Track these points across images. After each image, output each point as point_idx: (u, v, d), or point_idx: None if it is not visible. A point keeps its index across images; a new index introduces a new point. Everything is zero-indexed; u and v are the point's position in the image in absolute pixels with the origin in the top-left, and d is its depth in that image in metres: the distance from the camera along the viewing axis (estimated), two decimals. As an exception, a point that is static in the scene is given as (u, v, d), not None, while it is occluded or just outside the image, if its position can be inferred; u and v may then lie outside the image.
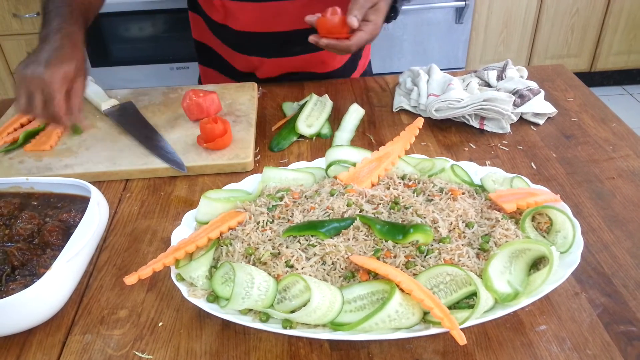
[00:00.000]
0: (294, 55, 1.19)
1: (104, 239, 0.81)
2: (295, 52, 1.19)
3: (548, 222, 0.74)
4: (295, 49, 1.18)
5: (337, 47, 0.92)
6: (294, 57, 1.20)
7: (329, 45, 0.92)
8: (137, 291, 0.72)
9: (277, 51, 1.18)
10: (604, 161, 0.94)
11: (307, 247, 0.69)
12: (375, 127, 1.06)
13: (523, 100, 1.04)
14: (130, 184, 0.93)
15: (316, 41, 0.93)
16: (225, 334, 0.66)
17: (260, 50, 1.18)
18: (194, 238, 0.71)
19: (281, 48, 1.18)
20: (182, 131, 1.02)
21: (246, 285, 0.63)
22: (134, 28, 2.51)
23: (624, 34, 2.87)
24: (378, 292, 0.64)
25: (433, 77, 1.11)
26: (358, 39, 0.90)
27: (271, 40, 1.15)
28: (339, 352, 0.64)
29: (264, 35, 1.14)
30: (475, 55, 2.83)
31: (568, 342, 0.64)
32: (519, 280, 0.65)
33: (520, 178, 0.81)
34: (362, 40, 0.91)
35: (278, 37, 1.14)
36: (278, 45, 1.17)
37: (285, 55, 1.19)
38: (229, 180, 0.90)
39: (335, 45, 0.92)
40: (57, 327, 0.68)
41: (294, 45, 1.16)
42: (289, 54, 1.19)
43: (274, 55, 1.19)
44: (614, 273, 0.72)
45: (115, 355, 0.64)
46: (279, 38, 1.15)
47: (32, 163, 0.96)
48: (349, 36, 0.91)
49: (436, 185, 0.78)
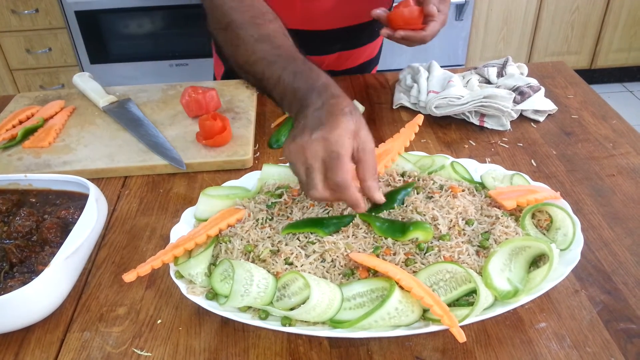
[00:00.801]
0: (331, 53, 1.19)
1: (102, 236, 0.81)
2: (333, 50, 1.18)
3: (548, 220, 0.74)
4: (333, 47, 1.17)
5: (414, 38, 0.93)
6: (329, 56, 1.19)
7: (405, 37, 0.93)
8: (135, 288, 0.72)
9: (315, 49, 1.16)
10: (604, 158, 0.93)
11: (306, 244, 0.69)
12: (375, 124, 1.06)
13: (523, 97, 1.03)
14: (129, 181, 0.93)
15: (390, 34, 0.93)
16: (224, 331, 0.66)
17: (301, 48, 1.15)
18: (193, 235, 0.71)
19: (321, 46, 1.17)
20: (181, 128, 1.02)
21: (245, 282, 0.62)
22: (133, 25, 2.50)
23: (624, 31, 2.87)
24: (377, 289, 0.63)
25: (433, 74, 1.11)
26: (432, 28, 0.92)
27: (311, 38, 1.12)
28: (338, 350, 0.64)
29: (304, 33, 1.11)
30: (475, 52, 2.82)
31: (568, 339, 0.64)
32: (518, 278, 0.65)
33: (520, 175, 0.81)
34: (435, 30, 0.92)
35: (319, 36, 1.13)
36: (318, 44, 1.16)
37: (323, 53, 1.18)
38: (228, 177, 0.89)
39: (412, 37, 0.93)
40: (56, 324, 0.68)
41: (334, 43, 1.15)
42: (326, 52, 1.18)
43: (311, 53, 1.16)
44: (614, 270, 0.72)
45: (114, 353, 0.64)
46: (319, 36, 1.13)
47: (30, 160, 0.95)
48: (423, 27, 0.92)
49: (436, 182, 0.78)
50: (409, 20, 0.92)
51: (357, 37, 1.19)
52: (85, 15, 2.43)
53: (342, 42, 0.97)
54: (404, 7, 0.93)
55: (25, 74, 2.60)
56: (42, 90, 2.57)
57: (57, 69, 2.60)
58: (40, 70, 2.60)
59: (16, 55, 2.55)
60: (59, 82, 2.64)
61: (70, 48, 2.54)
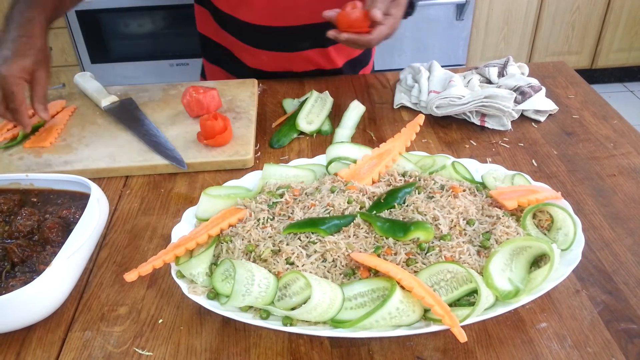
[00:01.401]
0: (302, 50, 1.19)
1: (103, 236, 0.81)
2: (303, 47, 1.18)
3: (549, 220, 0.74)
4: (304, 44, 1.17)
5: (358, 41, 0.91)
6: (302, 52, 1.19)
7: (349, 40, 0.91)
8: (137, 288, 0.72)
9: (286, 46, 1.18)
10: (605, 158, 0.93)
11: (307, 244, 0.69)
12: (376, 124, 1.06)
13: (524, 97, 1.03)
14: (130, 181, 0.93)
15: (336, 36, 0.92)
16: (226, 331, 0.66)
17: (268, 43, 1.17)
18: (194, 235, 0.71)
19: (290, 42, 1.17)
20: (182, 128, 1.02)
21: (246, 282, 0.62)
22: (134, 24, 2.50)
23: (624, 30, 2.87)
24: (379, 289, 0.64)
25: (434, 74, 1.11)
26: (379, 32, 0.90)
27: (280, 34, 1.14)
28: (339, 350, 0.64)
29: (273, 29, 1.13)
30: (475, 52, 2.82)
31: (569, 339, 0.64)
32: (519, 278, 0.65)
33: (521, 175, 0.81)
34: (383, 35, 0.90)
35: (288, 31, 1.13)
36: (287, 40, 1.16)
37: (294, 50, 1.19)
38: (229, 177, 0.90)
39: (356, 40, 0.91)
40: (57, 323, 0.68)
41: (304, 40, 1.16)
42: (297, 49, 1.18)
43: (282, 49, 1.18)
44: (614, 271, 0.72)
45: (115, 352, 0.64)
46: (288, 32, 1.14)
47: (31, 159, 0.95)
48: (369, 30, 0.90)
49: (437, 182, 0.78)
50: (353, 23, 0.90)
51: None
52: (86, 15, 2.43)
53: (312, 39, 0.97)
54: (351, 10, 0.91)
55: (26, 74, 2.60)
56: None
57: (58, 68, 2.60)
58: (41, 70, 2.59)
59: None
60: (59, 82, 2.64)
61: (71, 47, 2.54)
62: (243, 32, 1.16)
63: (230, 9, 1.12)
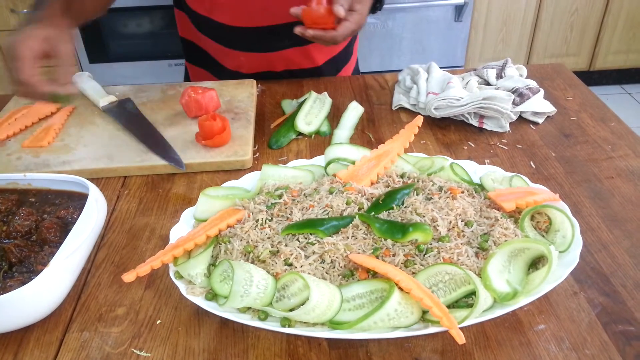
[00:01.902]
0: (281, 49, 1.18)
1: (102, 236, 0.81)
2: (281, 47, 1.18)
3: (547, 222, 0.74)
4: (281, 44, 1.17)
5: (323, 37, 0.92)
6: (281, 52, 1.19)
7: (315, 37, 0.92)
8: (135, 289, 0.72)
9: (264, 46, 1.17)
10: (603, 160, 0.94)
11: (306, 245, 0.69)
12: (375, 125, 1.06)
13: (522, 99, 1.04)
14: (128, 181, 0.92)
15: (302, 32, 0.93)
16: (224, 331, 0.66)
17: (246, 44, 1.17)
18: (193, 236, 0.71)
19: (268, 42, 1.17)
20: (180, 128, 1.02)
21: (245, 283, 0.62)
22: (132, 24, 2.50)
23: (622, 33, 2.88)
24: (377, 290, 0.64)
25: (432, 75, 1.11)
26: (344, 28, 0.90)
27: (257, 34, 1.14)
28: (337, 351, 0.64)
29: (250, 30, 1.13)
30: (474, 54, 2.82)
31: (566, 341, 0.64)
32: (517, 280, 0.65)
33: (519, 177, 0.81)
34: (349, 30, 0.91)
35: (264, 31, 1.13)
36: (264, 40, 1.16)
37: (272, 50, 1.18)
38: (228, 178, 0.90)
39: (322, 36, 0.92)
40: (55, 324, 0.68)
41: (281, 39, 1.15)
42: (275, 49, 1.18)
43: (260, 49, 1.18)
44: (612, 273, 0.72)
45: (113, 353, 0.64)
46: (265, 32, 1.13)
47: (29, 159, 0.95)
48: (335, 26, 0.91)
49: (435, 183, 0.78)
50: (317, 20, 0.91)
51: None
52: (84, 15, 2.43)
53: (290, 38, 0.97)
54: (315, 6, 0.91)
55: (24, 73, 2.60)
56: (41, 89, 2.56)
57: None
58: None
59: None
60: (57, 82, 2.63)
61: (69, 47, 2.53)
62: (220, 35, 1.16)
63: (205, 11, 1.12)
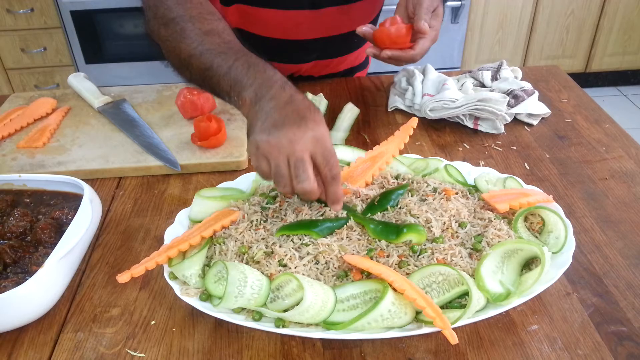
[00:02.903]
0: (306, 62, 1.18)
1: (96, 237, 0.81)
2: (307, 60, 1.17)
3: (540, 223, 0.74)
4: (308, 57, 1.17)
5: (402, 57, 0.87)
6: (305, 64, 1.19)
7: (392, 57, 0.88)
8: (129, 289, 0.72)
9: (291, 58, 1.16)
10: (596, 162, 0.94)
11: (300, 246, 0.69)
12: (370, 127, 1.06)
13: (517, 101, 1.04)
14: (123, 182, 0.93)
15: (375, 54, 0.88)
16: (218, 332, 0.66)
17: (273, 55, 1.11)
18: (187, 237, 0.71)
19: (296, 55, 1.16)
20: (176, 129, 1.02)
21: (239, 284, 0.63)
22: (128, 25, 2.50)
23: (618, 35, 2.89)
24: (371, 291, 0.64)
25: (428, 77, 1.11)
26: (422, 46, 0.87)
27: (287, 47, 1.12)
28: (331, 351, 0.64)
29: (281, 42, 1.11)
30: (470, 55, 2.83)
31: (559, 342, 0.64)
32: (511, 280, 0.65)
33: (513, 178, 0.81)
34: (425, 48, 0.87)
35: (295, 45, 1.12)
36: (293, 52, 1.15)
37: (297, 62, 1.18)
38: (223, 179, 0.90)
39: (400, 57, 0.87)
40: (49, 324, 0.68)
41: (309, 53, 1.14)
42: (301, 61, 1.18)
43: (286, 61, 1.16)
44: (605, 273, 0.73)
45: (107, 354, 0.64)
46: (295, 46, 1.12)
47: (25, 160, 0.95)
48: (411, 45, 0.87)
49: (430, 185, 0.79)
50: (395, 40, 0.86)
51: (336, 47, 1.17)
52: (80, 15, 2.43)
53: (319, 51, 0.93)
54: (390, 25, 0.87)
55: (20, 74, 2.60)
56: (37, 90, 2.56)
57: (52, 68, 2.59)
58: (35, 70, 2.59)
59: (11, 55, 2.54)
60: (54, 82, 2.63)
61: (65, 48, 2.53)
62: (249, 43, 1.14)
63: (234, 21, 1.08)
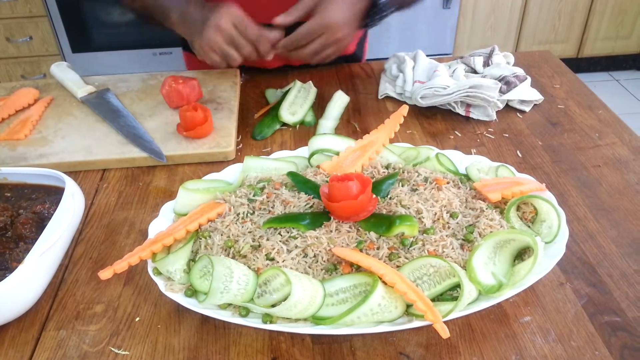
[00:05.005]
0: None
1: (79, 231, 0.79)
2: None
3: (533, 212, 0.73)
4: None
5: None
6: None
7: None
8: (113, 285, 0.70)
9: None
10: (589, 149, 0.93)
11: (288, 239, 0.67)
12: (360, 115, 1.04)
13: (509, 87, 1.02)
14: (107, 174, 0.90)
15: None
16: (205, 328, 0.65)
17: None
18: (172, 230, 0.69)
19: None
20: (161, 119, 1.00)
21: (225, 279, 0.61)
22: (116, 12, 2.45)
23: (610, 19, 2.87)
24: (361, 284, 0.62)
25: (419, 64, 1.09)
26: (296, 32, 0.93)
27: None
28: (320, 346, 0.62)
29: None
30: (462, 41, 2.81)
31: (552, 333, 0.63)
32: (503, 272, 0.64)
33: (505, 167, 0.80)
34: (303, 29, 0.92)
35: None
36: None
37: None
38: (210, 170, 0.88)
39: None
40: (31, 322, 0.66)
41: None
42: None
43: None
44: (599, 263, 0.71)
45: (90, 352, 0.63)
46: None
47: (5, 153, 0.93)
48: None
49: (421, 174, 0.77)
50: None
51: None
52: (66, 3, 2.37)
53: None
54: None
55: (5, 64, 2.55)
56: (23, 80, 2.52)
57: (39, 58, 2.54)
58: (21, 60, 2.54)
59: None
60: (40, 72, 2.58)
61: (51, 37, 2.48)
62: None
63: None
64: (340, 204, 0.67)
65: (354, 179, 0.68)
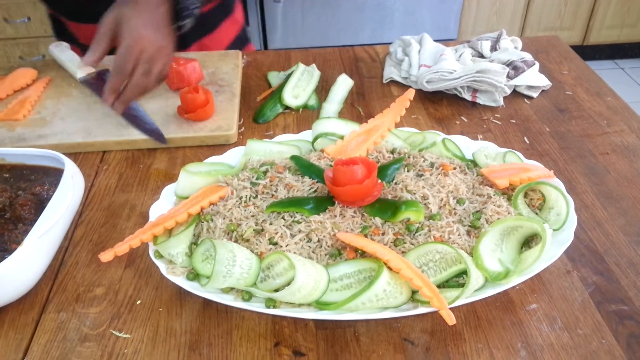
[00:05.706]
0: (188, 47, 1.17)
1: (79, 213, 0.78)
2: (187, 44, 1.16)
3: (541, 199, 0.72)
4: (188, 41, 1.15)
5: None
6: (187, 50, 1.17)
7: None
8: (114, 268, 0.69)
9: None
10: (598, 136, 0.91)
11: (291, 223, 0.66)
12: (365, 99, 1.02)
13: (517, 72, 1.01)
14: (107, 156, 0.89)
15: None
16: (207, 312, 0.64)
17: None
18: (174, 213, 0.68)
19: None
20: (161, 101, 0.98)
21: (228, 263, 0.60)
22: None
23: (617, 7, 2.84)
24: (365, 270, 0.61)
25: (425, 47, 1.07)
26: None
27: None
28: (324, 332, 0.62)
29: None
30: (467, 26, 2.77)
31: (559, 321, 0.62)
32: (510, 259, 0.63)
33: (513, 153, 0.78)
34: (117, 59, 0.83)
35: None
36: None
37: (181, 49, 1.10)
38: (211, 153, 0.86)
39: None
40: (31, 305, 0.65)
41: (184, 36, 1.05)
42: (183, 47, 1.15)
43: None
44: (606, 251, 0.70)
45: (91, 334, 0.62)
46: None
47: (4, 133, 0.91)
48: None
49: (427, 159, 0.76)
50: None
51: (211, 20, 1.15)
52: (65, -17, 2.34)
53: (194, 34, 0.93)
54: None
55: (4, 44, 2.52)
56: (21, 60, 2.50)
57: (37, 39, 2.51)
58: (19, 41, 2.51)
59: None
60: (39, 53, 2.55)
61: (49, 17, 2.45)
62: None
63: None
64: (345, 188, 0.66)
65: (359, 163, 0.66)
